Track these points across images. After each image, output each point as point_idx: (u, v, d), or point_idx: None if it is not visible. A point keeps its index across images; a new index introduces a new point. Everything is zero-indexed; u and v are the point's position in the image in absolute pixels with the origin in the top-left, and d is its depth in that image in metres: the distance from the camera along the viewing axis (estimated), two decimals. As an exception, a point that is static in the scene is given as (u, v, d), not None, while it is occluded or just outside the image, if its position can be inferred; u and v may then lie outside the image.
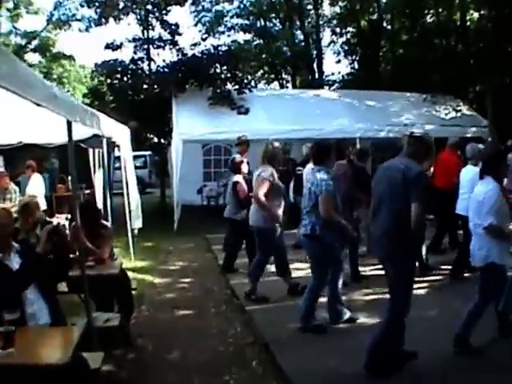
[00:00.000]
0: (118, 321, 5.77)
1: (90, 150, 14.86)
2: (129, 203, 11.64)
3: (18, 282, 4.46)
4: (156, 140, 20.79)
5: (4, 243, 4.64)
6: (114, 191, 13.20)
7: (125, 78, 18.92)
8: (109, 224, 7.27)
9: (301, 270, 8.81)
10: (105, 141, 8.18)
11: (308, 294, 6.68)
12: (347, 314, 6.87)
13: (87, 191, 15.11)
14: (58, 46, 31.16)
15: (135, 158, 27.84)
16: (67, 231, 6.30)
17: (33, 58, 31.33)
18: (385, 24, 27.80)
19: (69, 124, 5.00)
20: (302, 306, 6.70)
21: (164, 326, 7.41)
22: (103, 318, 5.75)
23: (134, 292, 7.44)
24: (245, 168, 9.56)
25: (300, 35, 29.19)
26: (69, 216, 11.54)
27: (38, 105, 3.95)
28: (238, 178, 9.34)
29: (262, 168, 7.77)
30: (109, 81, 19.23)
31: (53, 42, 30.30)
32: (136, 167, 27.48)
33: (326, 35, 30.70)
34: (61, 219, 10.04)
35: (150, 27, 19.47)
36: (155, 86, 18.69)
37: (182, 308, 8.14)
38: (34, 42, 29.99)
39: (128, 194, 11.65)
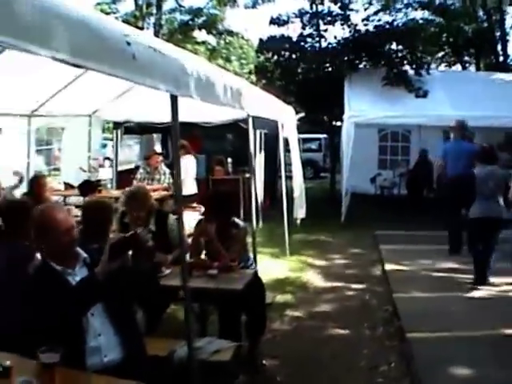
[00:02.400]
0: (230, 353, 4.51)
1: (252, 132, 13.92)
2: (288, 191, 10.59)
3: (74, 304, 3.30)
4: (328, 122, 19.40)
5: (65, 252, 3.53)
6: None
7: (293, 56, 17.70)
8: (241, 223, 6.06)
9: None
10: (250, 120, 7.15)
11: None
12: None
13: (247, 175, 14.22)
14: (225, 22, 30.74)
15: (310, 140, 27.66)
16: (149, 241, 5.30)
17: (199, 35, 31.13)
18: None
19: (173, 98, 3.88)
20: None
21: (304, 347, 6.20)
22: (212, 347, 4.53)
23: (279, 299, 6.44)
24: None
25: (483, 15, 26.29)
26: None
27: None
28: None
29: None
30: (275, 58, 18.05)
31: (220, 18, 29.76)
32: (310, 150, 27.26)
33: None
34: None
35: (319, 1, 17.96)
36: (326, 65, 17.26)
37: (331, 324, 6.91)
38: (201, 19, 29.54)
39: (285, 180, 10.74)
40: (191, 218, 6.45)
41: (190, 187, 11.58)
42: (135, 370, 3.35)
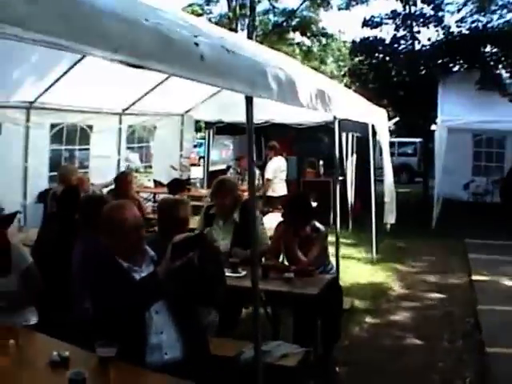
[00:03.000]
0: (298, 359, 4.44)
1: (343, 134, 13.75)
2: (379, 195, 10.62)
3: (135, 300, 3.33)
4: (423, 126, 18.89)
5: (132, 249, 3.56)
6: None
7: (386, 58, 17.45)
8: (321, 227, 5.96)
9: None
10: (337, 122, 7.04)
11: None
12: None
13: (341, 178, 14.04)
14: (319, 24, 30.48)
15: (405, 144, 27.08)
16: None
17: (294, 36, 31.02)
18: None
19: (247, 99, 3.79)
20: None
21: (379, 356, 6.03)
22: (280, 351, 4.47)
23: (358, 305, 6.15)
24: None
25: None
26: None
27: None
28: None
29: None
30: (369, 60, 17.82)
31: (314, 20, 29.56)
32: (406, 154, 26.70)
33: None
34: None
35: (411, 2, 17.56)
36: (420, 67, 16.89)
37: (409, 334, 6.71)
38: (294, 21, 29.42)
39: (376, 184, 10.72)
40: (278, 220, 6.39)
41: (279, 189, 11.62)
42: (195, 370, 3.36)
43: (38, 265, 5.10)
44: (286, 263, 5.99)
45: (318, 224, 5.94)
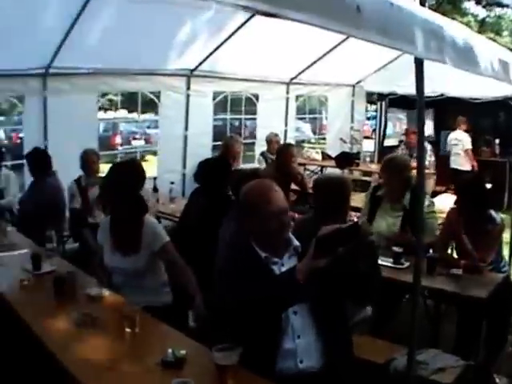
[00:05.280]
0: (455, 375, 3.70)
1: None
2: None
3: (271, 298, 2.77)
4: None
5: (272, 238, 2.99)
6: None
7: None
8: (498, 217, 5.11)
9: None
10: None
11: None
12: None
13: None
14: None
15: None
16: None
17: (468, 6, 29.04)
18: None
19: (417, 62, 3.15)
20: None
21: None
22: (437, 363, 3.76)
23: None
24: None
25: None
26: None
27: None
28: None
29: None
30: None
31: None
32: None
33: None
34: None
35: None
36: None
37: None
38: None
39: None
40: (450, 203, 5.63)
41: (464, 163, 11.25)
42: (335, 381, 2.86)
43: (181, 239, 4.84)
44: (455, 256, 5.25)
45: (494, 214, 5.09)
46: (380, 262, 4.47)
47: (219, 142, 8.97)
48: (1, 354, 3.64)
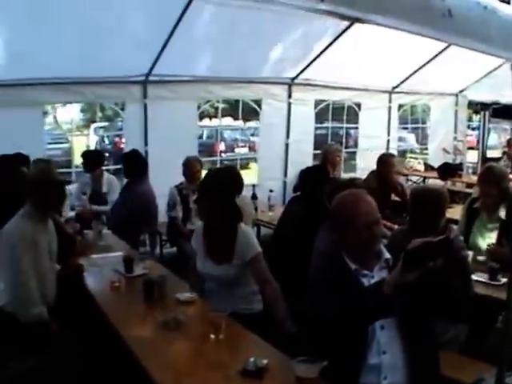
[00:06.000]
0: None
1: None
2: None
3: (357, 311, 2.71)
4: None
5: (363, 250, 2.91)
6: None
7: None
8: None
9: None
10: None
11: None
12: None
13: None
14: None
15: None
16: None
17: None
18: None
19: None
20: None
21: None
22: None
23: None
24: None
25: None
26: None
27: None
28: None
29: None
30: None
31: None
32: None
33: None
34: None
35: None
36: None
37: None
38: None
39: None
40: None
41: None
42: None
43: (276, 247, 4.81)
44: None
45: None
46: (475, 277, 4.30)
47: (320, 151, 8.92)
48: (88, 355, 3.71)
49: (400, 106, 11.33)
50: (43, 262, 3.82)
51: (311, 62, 8.47)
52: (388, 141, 11.04)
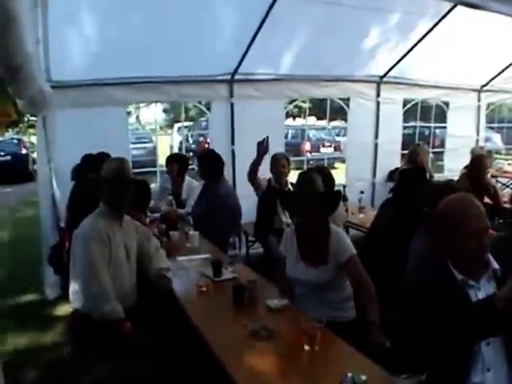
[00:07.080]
0: None
1: None
2: None
3: (466, 326, 2.52)
4: None
5: (470, 259, 2.71)
6: None
7: None
8: None
9: None
10: None
11: None
12: None
13: None
14: None
15: None
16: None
17: None
18: None
19: None
20: None
21: None
22: None
23: None
24: None
25: None
26: None
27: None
28: None
29: None
30: None
31: None
32: None
33: None
34: None
35: None
36: None
37: None
38: None
39: None
40: None
41: None
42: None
43: (368, 252, 4.63)
44: None
45: None
46: None
47: (407, 151, 8.66)
48: (173, 360, 3.63)
49: (488, 105, 10.91)
50: (118, 257, 3.81)
51: (400, 60, 8.25)
52: (477, 141, 10.65)
